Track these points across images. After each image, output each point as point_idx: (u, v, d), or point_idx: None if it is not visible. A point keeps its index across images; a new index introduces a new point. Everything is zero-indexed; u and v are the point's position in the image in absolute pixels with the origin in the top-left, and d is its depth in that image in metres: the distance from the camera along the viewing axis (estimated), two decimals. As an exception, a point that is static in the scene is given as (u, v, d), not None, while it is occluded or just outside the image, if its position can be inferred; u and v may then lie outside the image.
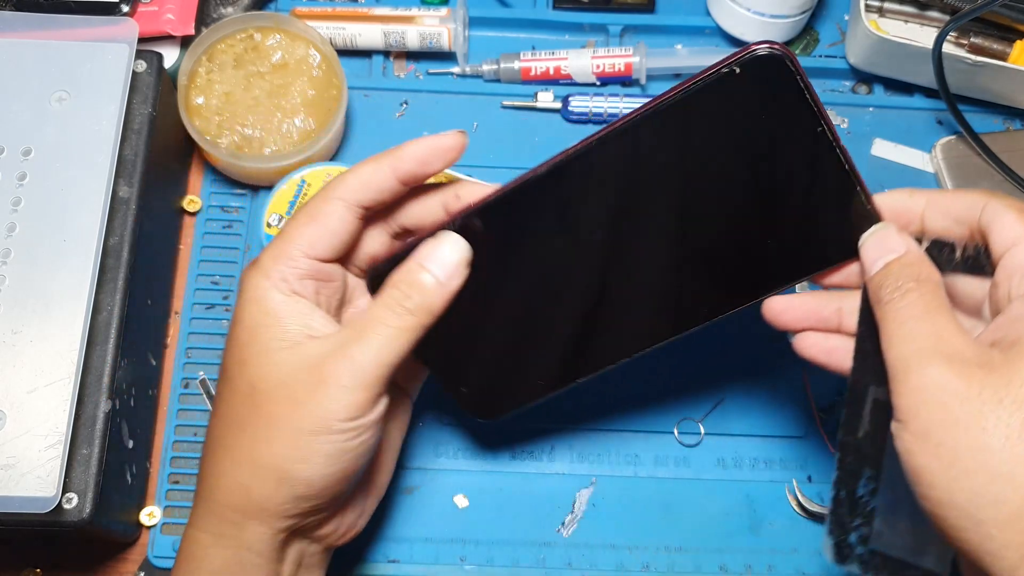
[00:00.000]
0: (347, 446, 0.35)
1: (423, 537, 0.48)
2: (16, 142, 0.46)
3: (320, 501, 0.36)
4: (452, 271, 0.36)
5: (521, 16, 0.60)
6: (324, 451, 0.35)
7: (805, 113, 0.33)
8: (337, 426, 0.34)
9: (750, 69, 0.32)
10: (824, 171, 0.34)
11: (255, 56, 0.54)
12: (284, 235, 0.37)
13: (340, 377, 0.34)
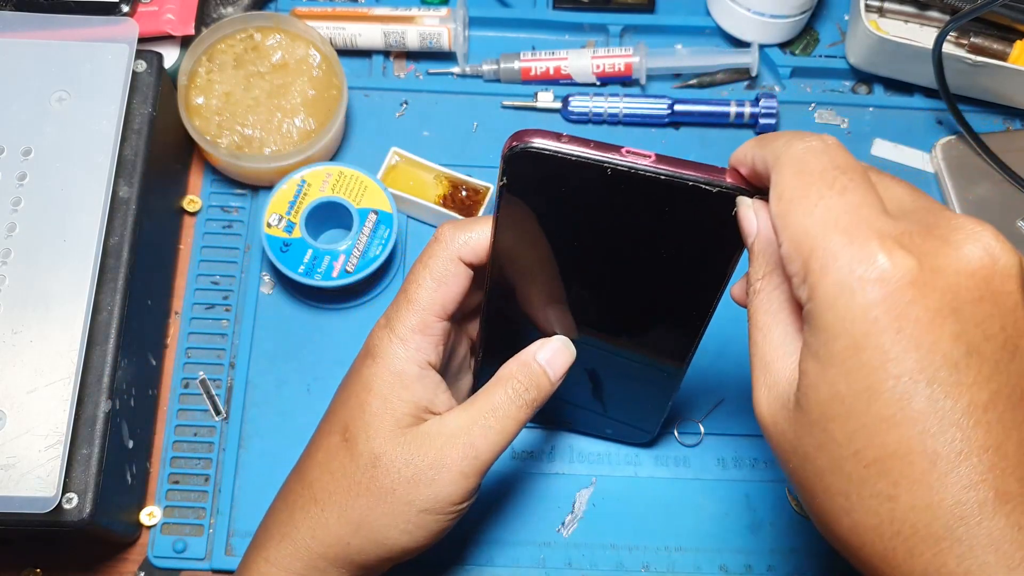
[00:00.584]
0: (449, 522, 0.38)
1: (423, 537, 0.48)
2: (16, 142, 0.46)
3: (398, 562, 0.39)
4: (562, 375, 0.39)
5: (521, 16, 0.60)
6: (429, 528, 0.37)
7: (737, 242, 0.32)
8: (449, 509, 0.37)
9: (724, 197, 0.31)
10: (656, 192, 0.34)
11: (255, 56, 0.54)
12: (416, 301, 0.37)
13: (462, 466, 0.36)
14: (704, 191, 0.32)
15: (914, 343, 0.24)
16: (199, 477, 0.49)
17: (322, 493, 0.38)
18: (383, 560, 0.38)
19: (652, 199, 0.33)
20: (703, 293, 0.36)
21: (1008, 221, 0.55)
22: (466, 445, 0.36)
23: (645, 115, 0.57)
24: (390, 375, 0.37)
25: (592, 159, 0.32)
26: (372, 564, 0.38)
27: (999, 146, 0.56)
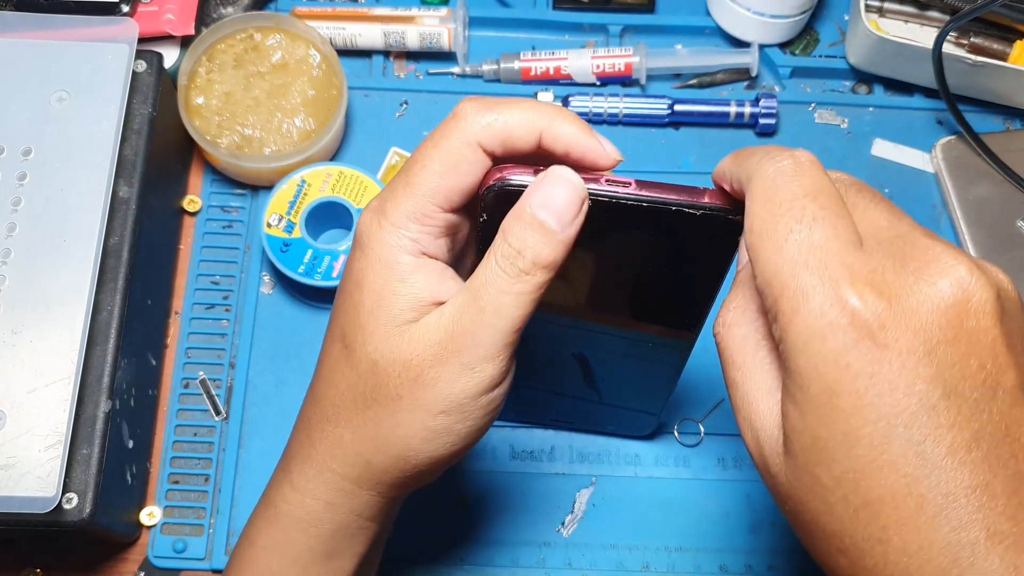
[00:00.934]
0: (480, 420, 0.33)
1: (423, 537, 0.48)
2: (16, 142, 0.46)
3: (439, 472, 0.35)
4: (567, 216, 0.30)
5: (521, 16, 0.60)
6: (455, 430, 0.33)
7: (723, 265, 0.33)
8: (468, 406, 0.32)
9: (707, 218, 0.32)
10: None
11: (255, 56, 0.54)
12: (417, 185, 0.31)
13: (462, 358, 0.31)
14: (688, 214, 0.32)
15: (888, 387, 0.24)
16: (199, 477, 0.49)
17: (332, 410, 0.34)
18: (417, 475, 0.34)
19: (636, 224, 0.33)
20: (696, 308, 0.37)
21: (1008, 221, 0.55)
22: (460, 334, 0.31)
23: (645, 115, 0.57)
24: (382, 267, 0.32)
25: (597, 191, 0.31)
26: (406, 481, 0.34)
27: (999, 146, 0.56)
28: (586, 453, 0.50)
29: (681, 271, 0.35)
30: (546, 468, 0.50)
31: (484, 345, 0.31)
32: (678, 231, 0.33)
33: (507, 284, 0.30)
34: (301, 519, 0.36)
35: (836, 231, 0.25)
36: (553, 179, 0.30)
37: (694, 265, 0.35)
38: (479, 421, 0.33)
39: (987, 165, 0.56)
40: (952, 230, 0.56)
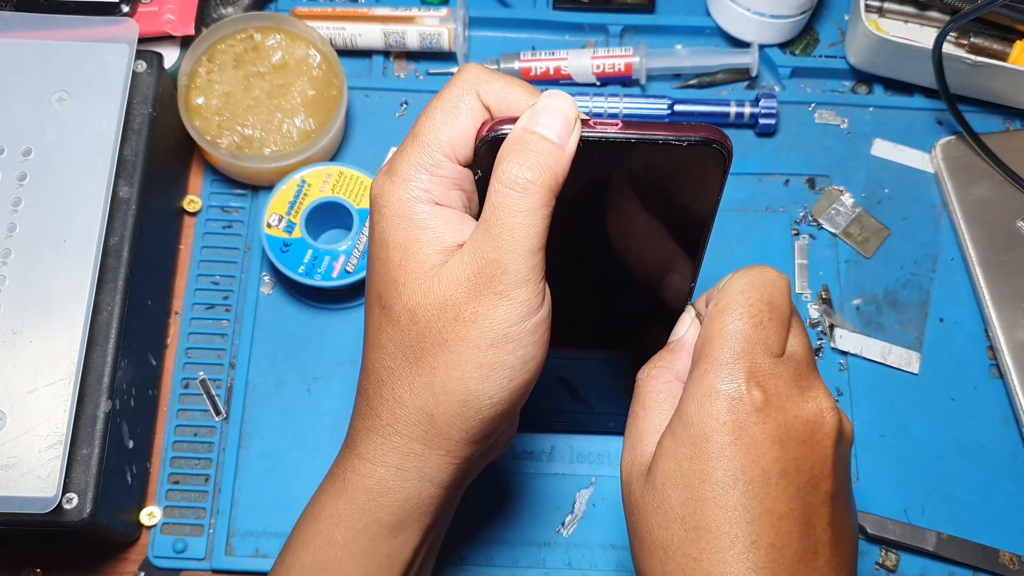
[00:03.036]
0: (524, 354, 0.33)
1: (423, 537, 0.48)
2: (16, 142, 0.46)
3: (503, 418, 0.35)
4: (563, 128, 0.31)
5: (521, 16, 0.60)
6: (507, 362, 0.33)
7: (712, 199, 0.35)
8: (515, 334, 0.32)
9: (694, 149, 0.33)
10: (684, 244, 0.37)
11: (255, 56, 0.54)
12: (421, 137, 0.33)
13: (494, 286, 0.32)
14: (674, 146, 0.33)
15: (745, 451, 0.31)
16: (199, 477, 0.49)
17: (385, 372, 0.34)
18: (482, 424, 0.34)
19: (627, 164, 0.34)
20: (689, 250, 0.38)
21: (1008, 221, 0.55)
22: (486, 264, 0.32)
23: (645, 115, 0.57)
24: (400, 221, 0.33)
25: (587, 131, 0.32)
26: (473, 434, 0.34)
27: (999, 146, 0.56)
28: (586, 453, 0.50)
29: (673, 214, 0.36)
30: (546, 468, 0.50)
31: (511, 270, 0.31)
32: (667, 168, 0.34)
33: (516, 202, 0.31)
34: (370, 488, 0.36)
35: (768, 339, 0.33)
36: (545, 97, 0.32)
37: (684, 207, 0.36)
38: (530, 350, 0.33)
39: (987, 165, 0.56)
40: (952, 230, 0.56)
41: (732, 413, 0.32)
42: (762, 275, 0.35)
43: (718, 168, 0.34)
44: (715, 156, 0.34)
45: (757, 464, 0.31)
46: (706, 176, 0.34)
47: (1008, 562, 0.48)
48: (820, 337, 0.53)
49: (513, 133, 0.32)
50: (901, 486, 0.50)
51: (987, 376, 0.52)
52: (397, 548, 0.37)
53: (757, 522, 0.31)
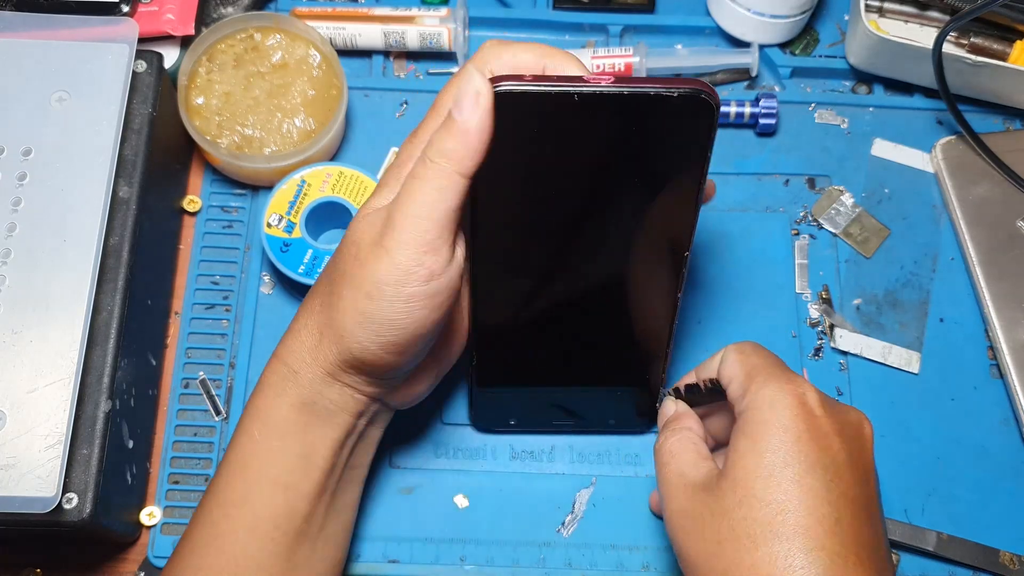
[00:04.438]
0: (393, 314, 0.35)
1: (423, 537, 0.48)
2: (16, 142, 0.46)
3: (378, 367, 0.38)
4: (464, 105, 0.34)
5: (521, 16, 0.60)
6: (372, 314, 0.36)
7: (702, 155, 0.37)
8: (384, 290, 0.35)
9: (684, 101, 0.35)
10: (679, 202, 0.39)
11: (255, 56, 0.54)
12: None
13: (383, 239, 0.35)
14: (666, 98, 0.35)
15: (816, 440, 0.36)
16: (199, 477, 0.49)
17: (316, 285, 0.40)
18: (353, 360, 0.37)
19: (620, 117, 0.35)
20: (684, 205, 0.39)
21: (1008, 221, 0.55)
22: (388, 218, 0.35)
23: (645, 115, 0.57)
24: None
25: (559, 90, 0.34)
26: (345, 365, 0.38)
27: (999, 146, 0.56)
28: (586, 453, 0.50)
29: (666, 169, 0.38)
30: (546, 468, 0.50)
31: (398, 229, 0.35)
32: (659, 123, 0.36)
33: (420, 171, 0.35)
34: (275, 384, 0.40)
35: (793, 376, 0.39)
36: (457, 74, 0.35)
37: (677, 167, 0.37)
38: (400, 315, 0.36)
39: (987, 165, 0.56)
40: (952, 230, 0.56)
41: (802, 408, 0.36)
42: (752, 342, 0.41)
43: (708, 121, 0.36)
44: (705, 108, 0.35)
45: (827, 453, 0.35)
46: (698, 130, 0.36)
47: (1008, 562, 0.48)
48: (820, 337, 0.53)
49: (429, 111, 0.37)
50: (901, 486, 0.50)
51: (987, 376, 0.52)
52: (307, 449, 0.39)
53: (837, 503, 0.35)
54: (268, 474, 0.39)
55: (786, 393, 0.37)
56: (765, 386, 0.37)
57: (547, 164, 0.37)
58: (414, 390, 0.42)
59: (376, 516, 0.48)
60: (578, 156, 0.37)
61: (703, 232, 0.55)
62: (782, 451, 0.35)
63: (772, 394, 0.37)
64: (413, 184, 0.34)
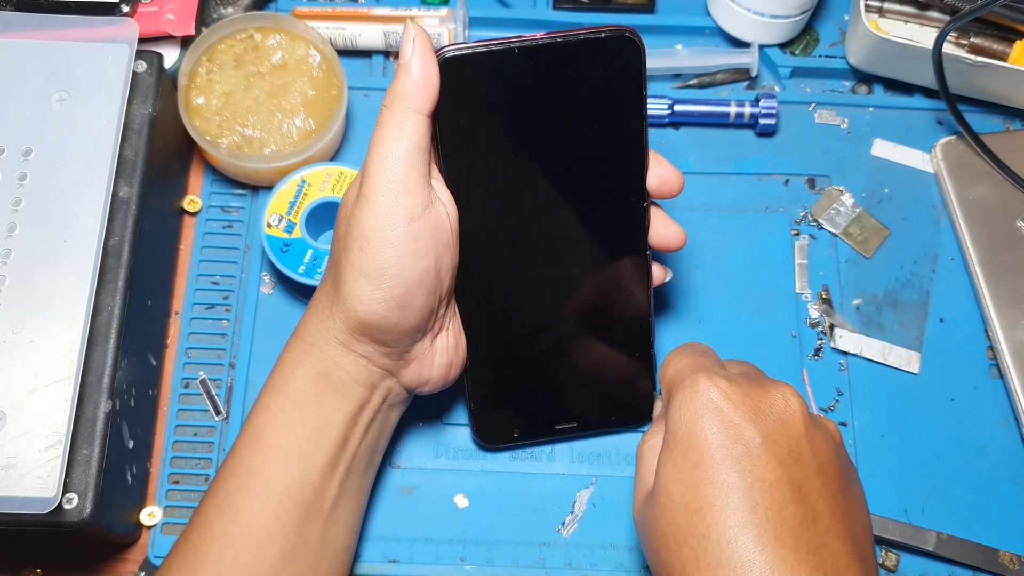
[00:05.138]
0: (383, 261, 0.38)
1: (423, 537, 0.48)
2: (16, 142, 0.46)
3: (385, 329, 0.39)
4: (405, 50, 0.38)
5: (521, 16, 0.60)
6: (367, 268, 0.38)
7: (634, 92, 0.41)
8: (372, 237, 0.37)
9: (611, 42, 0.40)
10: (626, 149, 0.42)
11: (255, 56, 0.54)
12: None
13: (362, 188, 0.38)
14: (595, 40, 0.39)
15: (725, 431, 0.35)
16: (199, 477, 0.49)
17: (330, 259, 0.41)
18: (361, 325, 0.39)
19: (560, 66, 0.39)
20: (632, 146, 0.42)
21: (1008, 221, 0.55)
22: (363, 170, 0.39)
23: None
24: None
25: (499, 48, 0.38)
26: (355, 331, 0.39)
27: (999, 146, 0.56)
28: (586, 453, 0.50)
29: (609, 112, 0.41)
30: (546, 468, 0.50)
31: (371, 174, 0.38)
32: (593, 65, 0.40)
33: (380, 119, 0.38)
34: (291, 359, 0.41)
35: (711, 365, 0.39)
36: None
37: (618, 105, 0.41)
38: (387, 262, 0.38)
39: (987, 165, 0.56)
40: (952, 230, 0.56)
41: (707, 406, 0.36)
42: (686, 344, 0.43)
43: (636, 60, 0.40)
44: (631, 46, 0.40)
45: (738, 441, 0.35)
46: (630, 70, 0.40)
47: (1008, 562, 0.48)
48: (820, 337, 0.53)
49: None
50: (901, 486, 0.50)
51: (987, 376, 0.52)
52: (321, 421, 0.40)
53: (750, 490, 0.34)
54: (283, 445, 0.40)
55: (693, 395, 0.37)
56: (676, 394, 0.38)
57: (503, 123, 0.40)
58: (427, 373, 0.43)
59: (376, 516, 0.48)
60: (529, 110, 0.40)
61: (703, 232, 0.55)
62: (691, 453, 0.36)
63: (680, 401, 0.37)
64: (376, 132, 0.38)
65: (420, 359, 0.42)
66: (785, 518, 0.34)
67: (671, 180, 0.43)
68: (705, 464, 0.35)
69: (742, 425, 0.36)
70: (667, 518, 0.36)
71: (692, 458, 0.36)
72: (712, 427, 0.36)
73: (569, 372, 0.47)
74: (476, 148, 0.41)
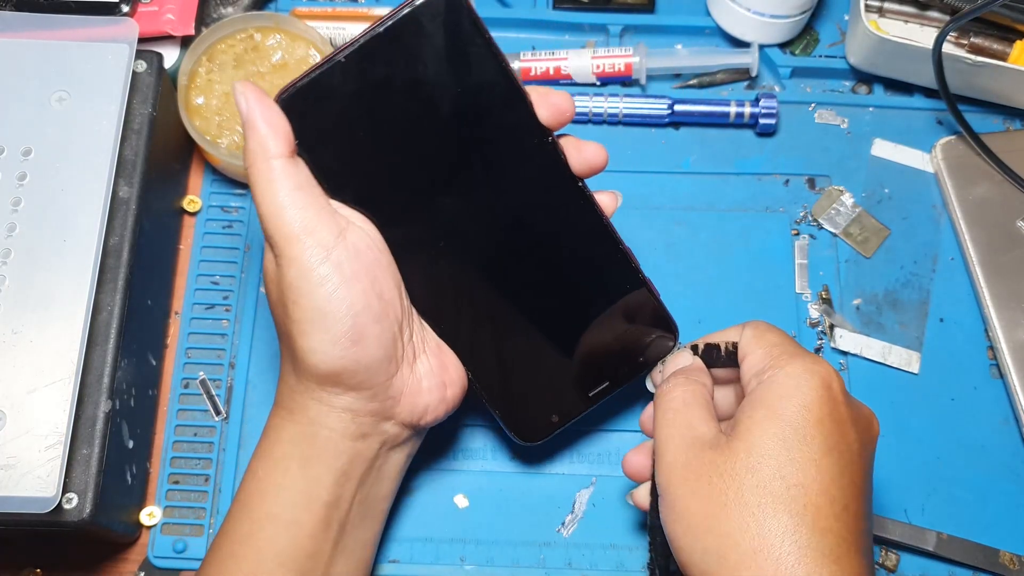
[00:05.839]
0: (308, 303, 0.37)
1: (423, 537, 0.48)
2: (16, 142, 0.46)
3: (342, 377, 0.38)
4: (242, 106, 0.37)
5: (521, 16, 0.60)
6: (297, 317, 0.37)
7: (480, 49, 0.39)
8: (301, 287, 0.37)
9: (428, 6, 0.38)
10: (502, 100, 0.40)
11: (255, 56, 0.54)
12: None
13: (273, 251, 0.38)
14: (412, 12, 0.37)
15: (837, 425, 0.36)
16: (199, 477, 0.49)
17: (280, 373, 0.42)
18: (318, 378, 0.39)
19: (396, 55, 0.38)
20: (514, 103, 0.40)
21: (1008, 221, 0.55)
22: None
23: (645, 115, 0.57)
24: None
25: (325, 67, 0.38)
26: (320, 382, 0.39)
27: (999, 146, 0.56)
28: (586, 453, 0.50)
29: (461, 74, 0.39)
30: (546, 468, 0.50)
31: (270, 232, 0.37)
32: (428, 39, 0.38)
33: (250, 180, 0.38)
34: (275, 426, 0.41)
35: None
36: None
37: (466, 61, 0.39)
38: (324, 302, 0.37)
39: (987, 165, 0.56)
40: (952, 230, 0.56)
41: (826, 391, 0.36)
42: (754, 323, 0.42)
43: (463, 10, 0.38)
44: (452, 3, 0.38)
45: (844, 439, 0.36)
46: (462, 25, 0.38)
47: (1008, 562, 0.48)
48: (820, 337, 0.53)
49: None
50: (901, 486, 0.50)
51: (987, 376, 0.52)
52: (309, 484, 0.39)
53: (847, 489, 0.35)
54: (271, 511, 0.39)
55: (812, 374, 0.37)
56: (791, 363, 0.37)
57: (374, 130, 0.39)
58: (421, 401, 0.41)
59: (376, 516, 0.48)
60: (390, 105, 0.39)
61: (703, 232, 0.55)
62: (803, 429, 0.35)
63: (798, 372, 0.37)
64: (254, 193, 0.38)
65: (407, 391, 0.41)
66: (863, 528, 0.36)
67: (561, 104, 0.40)
68: (812, 444, 0.35)
69: (848, 424, 0.36)
70: (756, 480, 0.35)
71: (802, 432, 0.35)
72: (826, 412, 0.36)
73: (574, 337, 0.44)
74: (360, 163, 0.40)
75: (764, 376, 0.38)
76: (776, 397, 0.36)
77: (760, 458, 0.35)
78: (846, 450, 0.36)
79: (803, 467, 0.35)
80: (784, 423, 0.36)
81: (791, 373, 0.37)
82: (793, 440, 0.35)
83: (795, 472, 0.35)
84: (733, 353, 0.41)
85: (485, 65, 0.39)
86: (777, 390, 0.37)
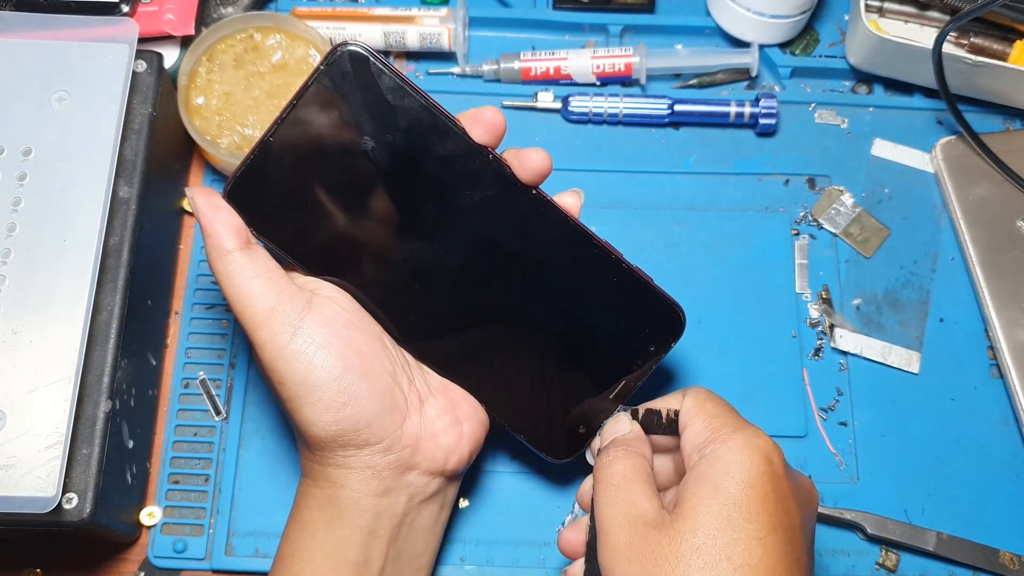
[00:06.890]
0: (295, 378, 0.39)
1: (423, 537, 0.48)
2: (16, 142, 0.46)
3: (341, 440, 0.39)
4: (199, 212, 0.40)
5: (521, 16, 0.60)
6: (292, 396, 0.39)
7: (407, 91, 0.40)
8: (283, 367, 0.39)
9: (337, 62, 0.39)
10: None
11: (255, 56, 0.54)
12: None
13: (251, 338, 0.39)
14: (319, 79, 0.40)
15: (780, 501, 0.35)
16: (199, 477, 0.49)
17: None
18: (321, 445, 0.40)
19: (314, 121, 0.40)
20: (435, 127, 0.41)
21: (1008, 221, 0.55)
22: None
23: (645, 115, 0.58)
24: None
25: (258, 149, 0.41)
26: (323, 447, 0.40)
27: (999, 146, 0.56)
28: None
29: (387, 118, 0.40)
30: (546, 468, 0.50)
31: (245, 323, 0.39)
32: (336, 101, 0.40)
33: (215, 275, 0.40)
34: (303, 494, 0.42)
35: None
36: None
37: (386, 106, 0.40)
38: (307, 373, 0.38)
39: (987, 165, 0.56)
40: (952, 230, 0.56)
41: (769, 466, 0.36)
42: (707, 390, 0.41)
43: (366, 61, 0.39)
44: (354, 57, 0.39)
45: (788, 515, 0.36)
46: (370, 74, 0.39)
47: (1008, 562, 0.48)
48: (820, 337, 0.53)
49: None
50: (901, 486, 0.50)
51: (987, 376, 0.52)
52: (337, 545, 0.40)
53: (793, 566, 0.35)
54: (301, 573, 0.40)
55: (754, 449, 0.36)
56: (732, 437, 0.37)
57: (323, 198, 0.41)
58: (440, 443, 0.41)
59: (376, 516, 0.48)
60: (330, 170, 0.41)
61: (703, 232, 0.55)
62: (747, 507, 0.35)
63: (740, 447, 0.36)
64: (221, 287, 0.39)
65: (423, 436, 0.41)
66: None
67: (492, 119, 0.40)
68: (758, 522, 0.34)
69: (790, 500, 0.36)
70: (701, 561, 0.34)
71: (747, 511, 0.35)
72: (769, 489, 0.35)
73: (575, 343, 0.44)
74: (315, 231, 0.41)
75: (706, 451, 0.37)
76: (719, 474, 0.36)
77: (706, 538, 0.34)
78: (790, 526, 0.35)
79: (749, 546, 0.34)
80: (728, 501, 0.35)
81: (733, 448, 0.36)
82: (738, 519, 0.34)
83: (742, 552, 0.34)
84: (674, 421, 0.40)
85: (406, 105, 0.40)
86: (719, 466, 0.36)
